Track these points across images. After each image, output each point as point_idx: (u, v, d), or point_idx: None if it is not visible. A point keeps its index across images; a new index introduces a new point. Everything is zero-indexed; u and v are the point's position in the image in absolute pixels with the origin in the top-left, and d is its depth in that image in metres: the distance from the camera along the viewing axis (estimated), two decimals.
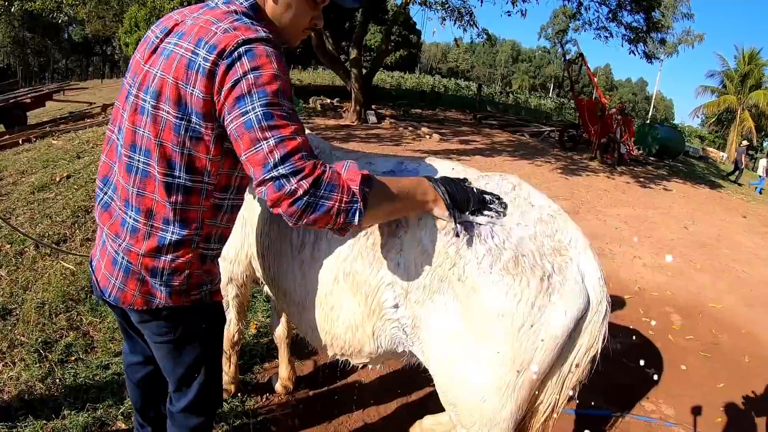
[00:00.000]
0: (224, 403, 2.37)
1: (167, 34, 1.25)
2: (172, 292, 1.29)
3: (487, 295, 1.30)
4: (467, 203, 1.33)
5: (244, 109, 1.09)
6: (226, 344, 2.28)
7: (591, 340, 1.35)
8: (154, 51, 1.25)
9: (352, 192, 1.12)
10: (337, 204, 1.10)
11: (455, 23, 11.13)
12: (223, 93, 1.12)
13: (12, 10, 11.84)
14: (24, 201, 4.75)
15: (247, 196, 1.86)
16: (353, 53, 13.64)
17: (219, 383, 1.62)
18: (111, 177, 1.34)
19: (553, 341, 1.29)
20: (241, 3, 1.26)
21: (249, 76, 1.10)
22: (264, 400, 2.52)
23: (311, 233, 1.59)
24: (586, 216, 6.95)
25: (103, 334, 2.90)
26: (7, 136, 9.47)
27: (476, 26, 11.77)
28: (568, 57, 13.56)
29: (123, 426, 2.22)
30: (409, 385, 2.68)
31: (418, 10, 12.06)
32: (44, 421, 2.16)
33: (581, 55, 13.16)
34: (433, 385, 1.51)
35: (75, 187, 5.28)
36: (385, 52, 14.79)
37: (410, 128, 13.47)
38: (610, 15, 12.84)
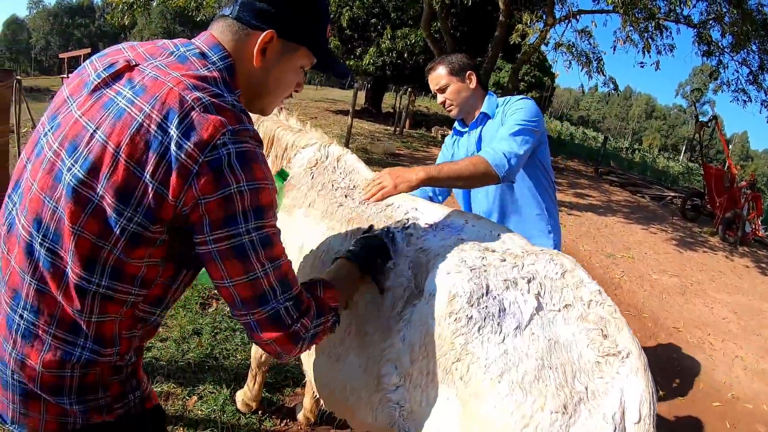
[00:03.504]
0: (242, 416, 2.41)
1: (114, 77, 0.92)
2: (88, 409, 0.96)
3: (489, 407, 1.06)
4: (375, 253, 1.33)
5: (235, 231, 0.88)
6: (253, 363, 2.32)
7: None
8: (93, 92, 0.91)
9: (332, 309, 1.11)
10: (326, 325, 1.09)
11: (582, 68, 10.76)
12: (205, 205, 0.86)
13: (154, 4, 12.29)
14: None
15: (291, 220, 1.78)
16: None
17: None
18: None
19: None
20: (215, 63, 0.96)
21: (244, 189, 0.87)
22: (282, 424, 2.47)
23: None
24: (693, 299, 6.50)
25: None
26: None
27: (603, 73, 11.19)
28: (701, 118, 12.61)
29: None
30: None
31: (549, 51, 11.89)
32: None
33: (715, 117, 12.18)
34: None
35: None
36: (510, 92, 14.85)
37: None
38: (751, 77, 11.53)
